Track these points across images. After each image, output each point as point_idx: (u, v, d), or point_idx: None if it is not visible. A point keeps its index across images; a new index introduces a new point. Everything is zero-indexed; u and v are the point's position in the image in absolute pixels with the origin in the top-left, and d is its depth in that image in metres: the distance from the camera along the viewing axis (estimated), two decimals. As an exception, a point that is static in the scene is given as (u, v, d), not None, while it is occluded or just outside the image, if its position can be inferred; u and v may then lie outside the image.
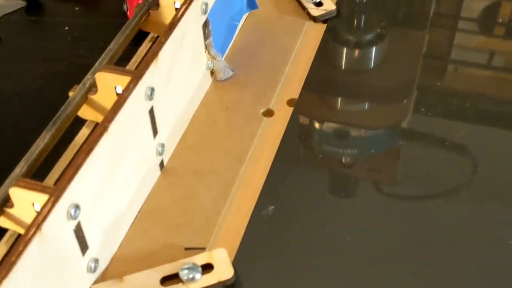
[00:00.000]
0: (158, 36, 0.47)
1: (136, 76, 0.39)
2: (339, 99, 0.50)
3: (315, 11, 0.54)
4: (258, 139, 0.45)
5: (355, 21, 0.56)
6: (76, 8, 0.65)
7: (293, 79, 0.50)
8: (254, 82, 0.50)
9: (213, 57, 0.48)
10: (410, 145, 0.46)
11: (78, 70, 0.43)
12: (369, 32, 0.55)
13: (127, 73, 0.39)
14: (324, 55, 0.52)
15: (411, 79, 0.51)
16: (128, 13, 0.64)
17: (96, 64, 0.41)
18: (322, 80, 0.51)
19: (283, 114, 0.48)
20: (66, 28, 0.62)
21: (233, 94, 0.49)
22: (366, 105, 0.50)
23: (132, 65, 0.45)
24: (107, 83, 0.39)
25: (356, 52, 0.54)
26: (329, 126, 0.48)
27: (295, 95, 0.49)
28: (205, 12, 0.46)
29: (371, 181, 0.43)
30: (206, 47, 0.47)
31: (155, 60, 0.40)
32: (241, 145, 0.45)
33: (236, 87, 0.50)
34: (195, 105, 0.48)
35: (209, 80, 0.49)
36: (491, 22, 0.58)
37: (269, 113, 0.48)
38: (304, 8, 0.55)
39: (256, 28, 0.54)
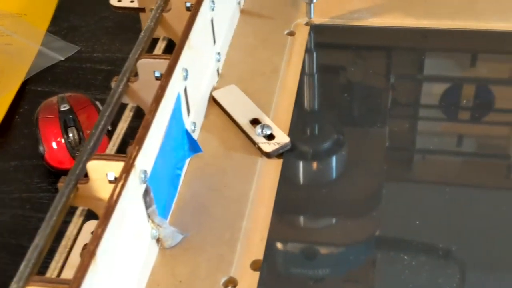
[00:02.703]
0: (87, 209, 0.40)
1: (70, 289, 0.31)
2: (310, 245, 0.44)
3: (267, 146, 0.48)
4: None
5: (311, 142, 0.51)
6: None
7: (253, 234, 0.43)
8: (209, 244, 0.43)
9: (158, 225, 0.41)
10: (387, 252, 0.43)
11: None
12: (326, 141, 0.50)
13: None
14: (285, 197, 0.46)
15: (378, 182, 0.48)
16: (46, 155, 0.57)
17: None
18: (288, 231, 0.45)
19: (248, 282, 0.41)
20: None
21: (186, 263, 0.42)
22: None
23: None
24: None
25: (319, 169, 0.49)
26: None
27: (259, 255, 0.42)
28: (144, 181, 0.39)
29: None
30: (149, 216, 0.40)
31: (93, 261, 0.33)
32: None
33: (189, 254, 0.42)
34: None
35: (155, 250, 0.42)
36: (454, 105, 0.55)
37: (231, 282, 0.41)
38: (254, 143, 0.49)
39: (202, 174, 0.48)
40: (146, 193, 0.39)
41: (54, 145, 0.58)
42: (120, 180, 0.36)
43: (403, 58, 0.60)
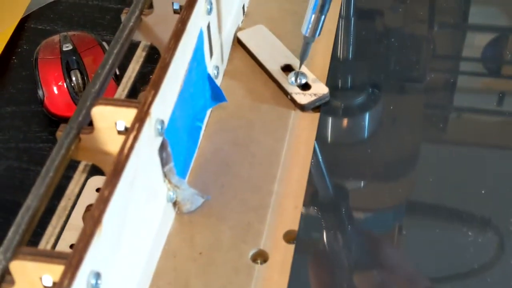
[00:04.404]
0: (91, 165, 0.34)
1: (72, 265, 0.25)
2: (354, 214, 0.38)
3: (302, 98, 0.41)
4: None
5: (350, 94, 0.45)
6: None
7: (285, 200, 0.37)
8: (233, 210, 0.36)
9: (176, 186, 0.35)
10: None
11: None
12: (366, 95, 0.44)
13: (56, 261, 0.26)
14: (323, 157, 0.39)
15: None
16: (45, 101, 0.51)
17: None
18: (327, 197, 0.39)
19: (281, 256, 0.34)
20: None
21: (207, 232, 0.35)
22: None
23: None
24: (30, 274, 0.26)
25: (360, 125, 0.43)
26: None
27: (293, 224, 0.36)
28: (161, 133, 0.32)
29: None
30: (165, 175, 0.34)
31: (98, 229, 0.26)
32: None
33: (210, 221, 0.36)
34: (154, 260, 0.34)
35: (171, 215, 0.36)
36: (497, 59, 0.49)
37: (261, 256, 0.35)
38: (286, 93, 0.42)
39: (226, 127, 0.41)
40: (162, 147, 0.33)
41: (54, 89, 0.52)
42: (132, 131, 0.30)
43: (447, 4, 0.53)
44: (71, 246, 0.41)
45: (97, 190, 0.44)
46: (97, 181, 0.44)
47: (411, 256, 0.37)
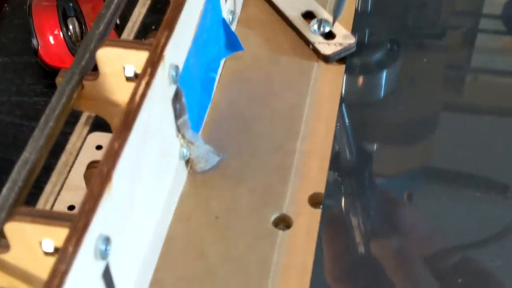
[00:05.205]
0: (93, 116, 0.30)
1: (78, 228, 0.21)
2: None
3: (326, 48, 0.38)
4: (275, 274, 0.29)
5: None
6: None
7: (310, 160, 0.33)
8: (252, 170, 0.33)
9: (190, 142, 0.31)
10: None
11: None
12: (379, 52, 0.40)
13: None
14: (349, 114, 0.36)
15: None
16: (40, 51, 0.47)
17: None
18: (355, 158, 0.35)
19: (306, 221, 0.31)
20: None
21: (224, 194, 0.32)
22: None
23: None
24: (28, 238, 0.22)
25: (391, 78, 0.39)
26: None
27: (319, 187, 0.32)
28: (175, 80, 0.28)
29: None
30: (178, 129, 0.30)
31: (108, 188, 0.23)
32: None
33: (227, 182, 0.32)
34: (165, 224, 0.30)
35: (183, 175, 0.32)
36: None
37: (283, 221, 0.31)
38: (308, 43, 0.38)
39: (242, 79, 0.37)
40: (176, 97, 0.29)
41: (50, 39, 0.47)
42: (144, 76, 0.26)
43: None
44: (70, 208, 0.38)
45: (97, 147, 0.41)
46: (97, 137, 0.40)
47: (431, 221, 0.33)
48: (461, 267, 0.31)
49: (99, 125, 0.33)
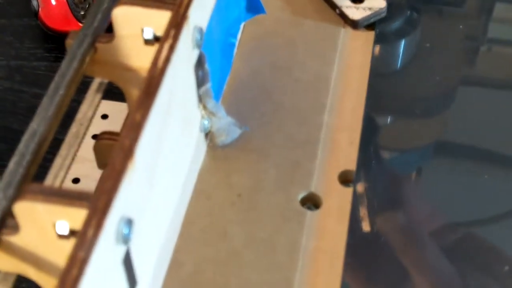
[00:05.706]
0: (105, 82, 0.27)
1: (98, 210, 0.19)
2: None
3: (354, 12, 0.35)
4: (304, 258, 0.27)
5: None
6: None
7: (338, 135, 0.31)
8: (277, 145, 0.30)
9: (212, 113, 0.28)
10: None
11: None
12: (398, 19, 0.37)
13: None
14: (379, 84, 0.33)
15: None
16: (40, 13, 0.44)
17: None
18: (387, 131, 0.32)
19: (337, 200, 0.29)
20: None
21: (247, 170, 0.29)
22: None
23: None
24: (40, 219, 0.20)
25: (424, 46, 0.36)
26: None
27: (349, 164, 0.30)
28: (199, 45, 0.26)
29: None
30: (200, 99, 0.28)
31: (130, 163, 0.20)
32: (274, 277, 0.26)
33: (250, 157, 0.30)
34: (185, 202, 0.28)
35: (203, 149, 0.30)
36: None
37: (311, 200, 0.29)
38: (334, 6, 0.36)
39: (263, 46, 0.34)
40: (199, 63, 0.26)
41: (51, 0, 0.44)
42: (168, 39, 0.23)
43: None
44: (74, 181, 0.36)
45: (103, 116, 0.38)
46: (104, 106, 0.37)
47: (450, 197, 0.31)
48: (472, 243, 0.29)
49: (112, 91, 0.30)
